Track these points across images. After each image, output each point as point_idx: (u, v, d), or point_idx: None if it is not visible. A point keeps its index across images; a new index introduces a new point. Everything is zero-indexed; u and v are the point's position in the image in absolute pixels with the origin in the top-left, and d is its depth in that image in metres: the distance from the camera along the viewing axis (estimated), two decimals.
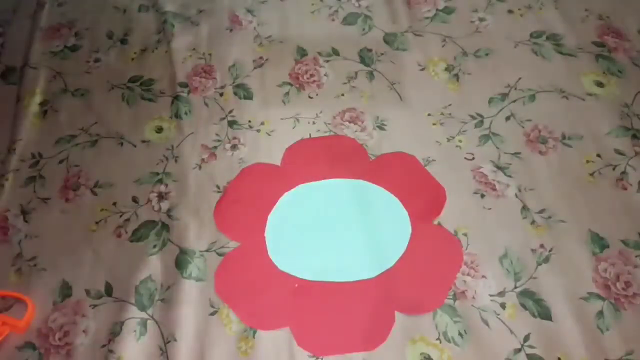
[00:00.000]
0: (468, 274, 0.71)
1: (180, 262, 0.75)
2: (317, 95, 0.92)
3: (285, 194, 0.81)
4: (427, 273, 0.72)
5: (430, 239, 0.75)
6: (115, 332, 0.70)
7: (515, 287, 0.70)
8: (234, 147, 0.86)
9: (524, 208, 0.76)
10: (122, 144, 0.88)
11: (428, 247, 0.74)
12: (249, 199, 0.80)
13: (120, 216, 0.80)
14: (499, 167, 0.80)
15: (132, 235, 0.78)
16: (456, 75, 0.92)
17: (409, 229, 0.76)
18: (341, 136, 0.86)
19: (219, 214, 0.79)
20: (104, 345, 0.69)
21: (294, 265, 0.74)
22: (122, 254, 0.76)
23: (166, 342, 0.68)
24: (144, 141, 0.88)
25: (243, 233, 0.77)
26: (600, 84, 0.88)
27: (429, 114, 0.88)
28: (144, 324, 0.70)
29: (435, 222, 0.76)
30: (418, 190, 0.79)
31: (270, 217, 0.79)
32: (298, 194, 0.81)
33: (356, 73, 0.94)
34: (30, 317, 0.72)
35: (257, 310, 0.71)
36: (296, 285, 0.72)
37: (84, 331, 0.71)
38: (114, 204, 0.81)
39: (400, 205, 0.78)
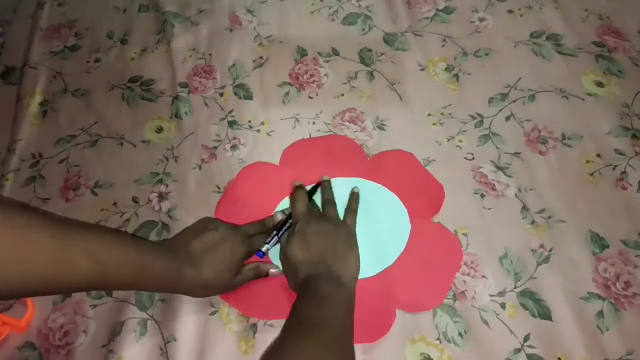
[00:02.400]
0: (468, 274, 0.71)
1: None
2: (317, 95, 0.92)
3: (286, 198, 0.80)
4: (427, 271, 0.72)
5: (430, 236, 0.75)
6: (115, 332, 0.70)
7: (515, 287, 0.70)
8: (233, 147, 0.86)
9: (524, 208, 0.76)
10: (122, 144, 0.88)
11: (428, 245, 0.74)
12: (249, 198, 0.80)
13: (121, 216, 0.80)
14: (498, 167, 0.80)
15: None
16: (456, 75, 0.92)
17: (409, 227, 0.75)
18: (339, 135, 0.86)
19: (220, 213, 0.79)
20: (104, 346, 0.69)
21: None
22: None
23: (166, 342, 0.69)
24: (144, 141, 0.88)
25: None
26: (600, 84, 0.88)
27: (428, 114, 0.88)
28: (144, 324, 0.70)
29: (435, 221, 0.76)
30: (417, 187, 0.79)
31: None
32: None
33: (356, 73, 0.94)
34: (30, 317, 0.72)
35: (251, 299, 0.71)
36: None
37: (84, 331, 0.71)
38: (114, 204, 0.81)
39: (400, 203, 0.78)
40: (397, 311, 0.69)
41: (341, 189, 0.80)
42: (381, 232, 0.75)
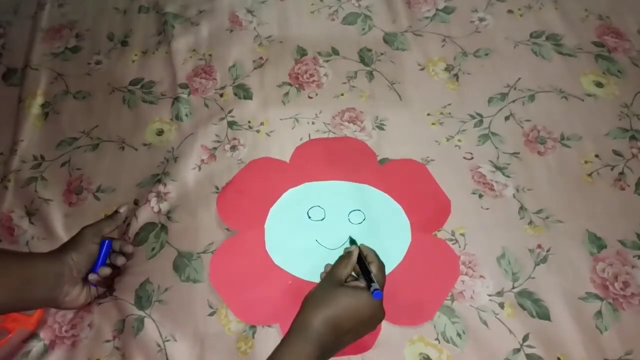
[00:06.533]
0: (466, 274, 0.72)
1: (178, 264, 0.75)
2: (316, 95, 0.92)
3: (290, 190, 0.81)
4: (420, 286, 0.71)
5: (429, 251, 0.74)
6: (118, 329, 0.71)
7: (514, 287, 0.70)
8: (233, 147, 0.86)
9: (522, 208, 0.76)
10: (123, 148, 0.88)
11: (426, 260, 0.73)
12: (253, 190, 0.81)
13: (124, 221, 0.79)
14: (497, 167, 0.80)
15: (133, 239, 0.78)
16: (456, 75, 0.92)
17: (409, 239, 0.75)
18: (352, 138, 0.86)
19: (222, 201, 0.80)
20: (108, 341, 0.70)
21: (289, 262, 0.74)
22: None
23: (165, 341, 0.69)
24: (145, 144, 0.89)
25: (243, 223, 0.78)
26: (599, 84, 0.88)
27: (428, 114, 0.88)
28: (141, 320, 0.71)
29: (438, 235, 0.76)
30: (423, 200, 0.79)
31: (272, 210, 0.79)
32: (302, 191, 0.81)
33: (356, 73, 0.94)
34: (40, 315, 0.73)
35: (249, 303, 0.71)
36: (289, 282, 0.73)
37: (89, 325, 0.72)
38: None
39: (403, 214, 0.77)
40: (383, 322, 0.68)
41: (347, 193, 0.80)
42: (380, 243, 0.73)
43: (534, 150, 0.82)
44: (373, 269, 0.63)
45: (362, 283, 0.62)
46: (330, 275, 0.64)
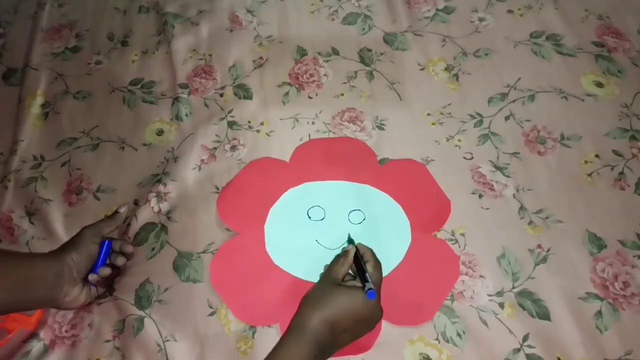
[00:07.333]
0: (466, 274, 0.72)
1: (178, 264, 0.75)
2: (316, 95, 0.92)
3: (290, 190, 0.81)
4: (420, 286, 0.71)
5: (429, 252, 0.74)
6: (118, 329, 0.71)
7: (514, 287, 0.70)
8: (233, 147, 0.86)
9: (522, 208, 0.76)
10: (123, 148, 0.88)
11: (425, 260, 0.73)
12: (253, 190, 0.81)
13: (124, 221, 0.79)
14: (497, 167, 0.81)
15: (133, 239, 0.78)
16: (456, 75, 0.92)
17: (409, 240, 0.75)
18: (352, 138, 0.86)
19: (222, 201, 0.80)
20: (108, 341, 0.70)
21: (289, 262, 0.74)
22: None
23: (165, 341, 0.69)
24: (145, 144, 0.89)
25: (243, 223, 0.78)
26: (599, 84, 0.88)
27: (428, 114, 0.88)
28: (141, 320, 0.71)
29: (438, 235, 0.76)
30: (423, 200, 0.78)
31: (271, 210, 0.79)
32: (302, 191, 0.81)
33: (356, 73, 0.94)
34: (40, 315, 0.73)
35: (249, 303, 0.71)
36: (289, 282, 0.72)
37: (89, 325, 0.72)
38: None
39: (403, 214, 0.77)
40: (383, 322, 0.69)
41: (347, 193, 0.80)
42: (380, 243, 0.73)
43: (534, 150, 0.82)
44: (369, 267, 0.64)
45: (358, 282, 0.62)
46: (327, 275, 0.64)
